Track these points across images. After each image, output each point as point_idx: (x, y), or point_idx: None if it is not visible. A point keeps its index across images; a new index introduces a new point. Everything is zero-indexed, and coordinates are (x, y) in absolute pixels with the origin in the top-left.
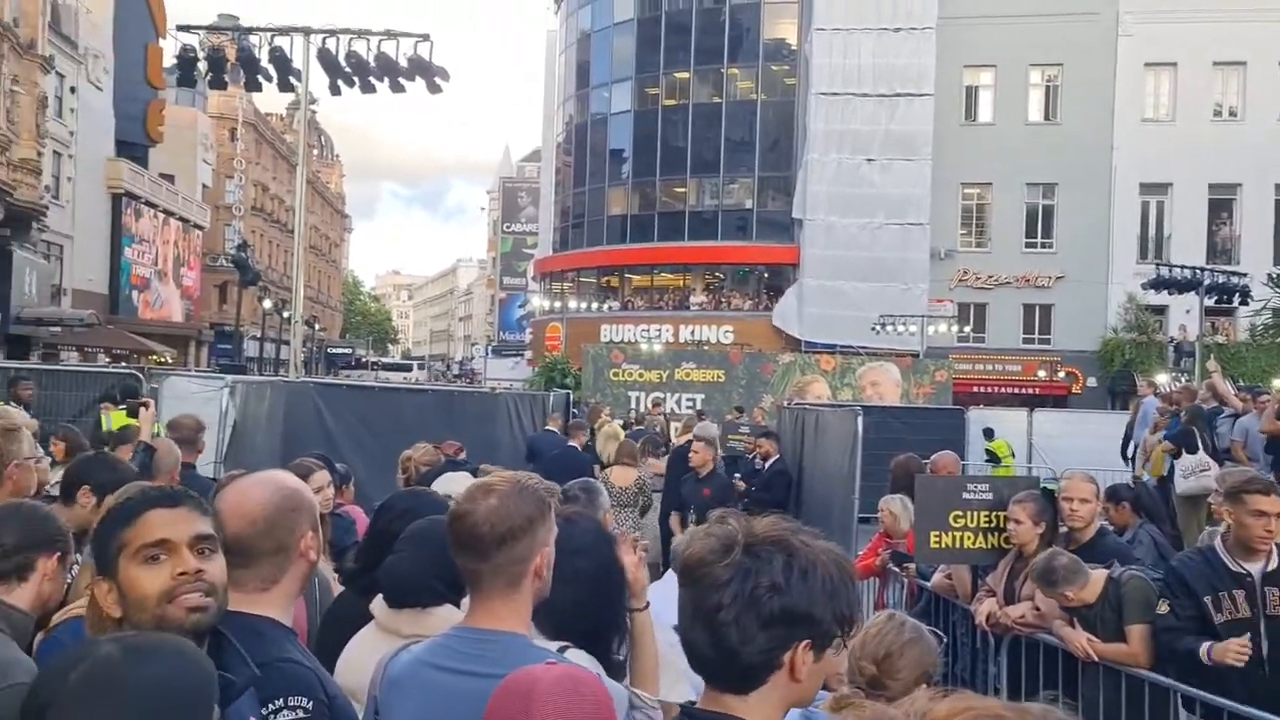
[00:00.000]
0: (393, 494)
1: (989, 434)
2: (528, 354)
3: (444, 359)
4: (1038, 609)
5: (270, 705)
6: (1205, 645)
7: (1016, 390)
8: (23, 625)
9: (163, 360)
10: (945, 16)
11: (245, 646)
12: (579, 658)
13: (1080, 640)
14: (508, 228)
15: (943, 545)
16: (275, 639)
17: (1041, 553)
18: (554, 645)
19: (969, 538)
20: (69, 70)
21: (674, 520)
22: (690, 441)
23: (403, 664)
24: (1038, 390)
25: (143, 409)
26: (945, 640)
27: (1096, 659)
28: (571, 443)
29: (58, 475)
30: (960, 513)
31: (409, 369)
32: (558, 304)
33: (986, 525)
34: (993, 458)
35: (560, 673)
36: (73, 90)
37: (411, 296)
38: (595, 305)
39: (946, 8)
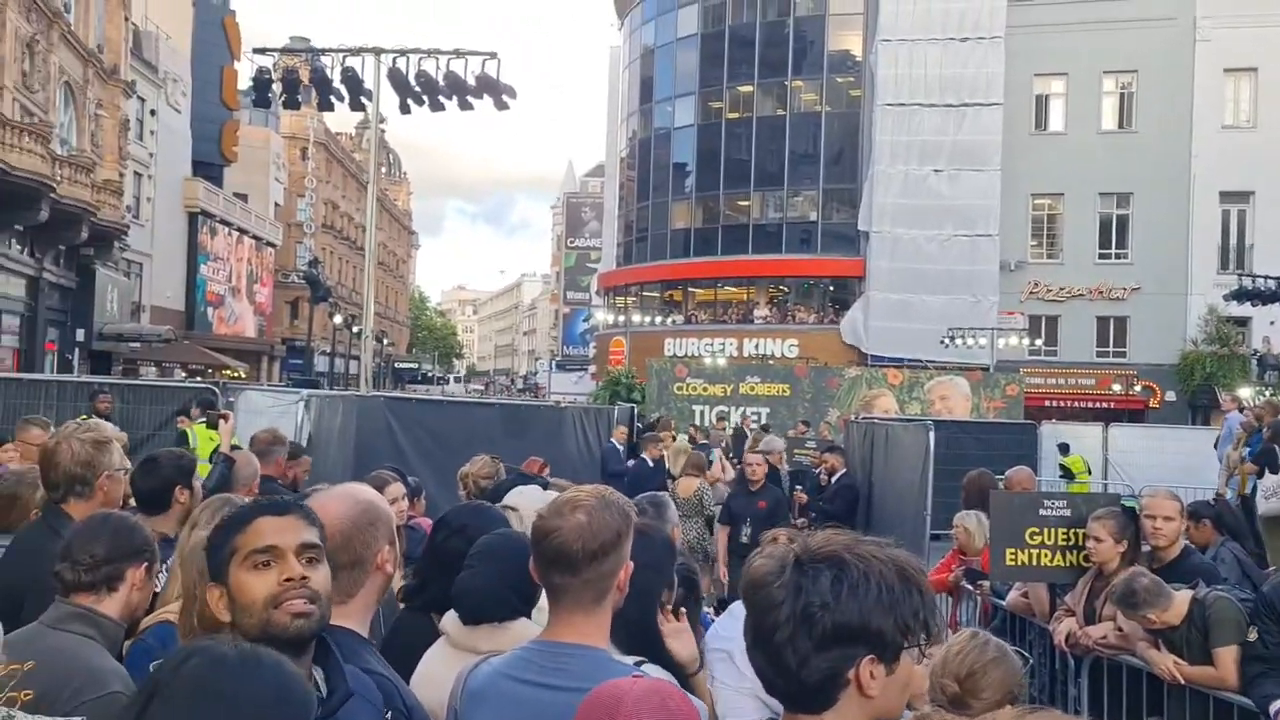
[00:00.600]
0: (449, 510)
1: (1064, 449)
2: (591, 368)
3: (508, 373)
4: (1120, 629)
5: None
6: (1278, 706)
7: (1090, 404)
8: (114, 633)
9: (236, 375)
10: (1014, 25)
11: None
12: (656, 673)
13: (1167, 663)
14: (571, 242)
15: (1019, 563)
16: (355, 650)
17: (1123, 572)
18: (630, 660)
19: (1046, 555)
20: (149, 94)
21: (721, 535)
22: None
23: (483, 676)
24: (1113, 404)
25: (222, 421)
26: (1030, 661)
27: (1184, 682)
28: (644, 455)
29: None
30: (1037, 530)
31: (447, 382)
32: (621, 318)
33: (1065, 543)
34: (1067, 473)
35: (646, 686)
36: (153, 113)
37: (476, 311)
38: (659, 319)
39: (1015, 16)
